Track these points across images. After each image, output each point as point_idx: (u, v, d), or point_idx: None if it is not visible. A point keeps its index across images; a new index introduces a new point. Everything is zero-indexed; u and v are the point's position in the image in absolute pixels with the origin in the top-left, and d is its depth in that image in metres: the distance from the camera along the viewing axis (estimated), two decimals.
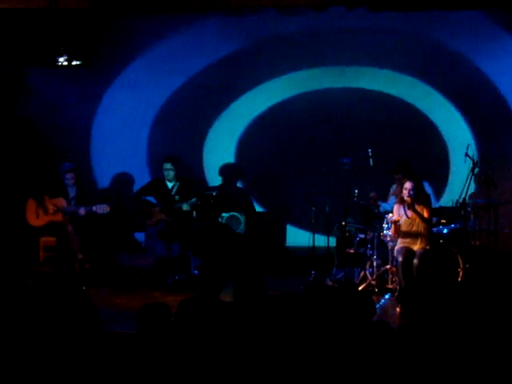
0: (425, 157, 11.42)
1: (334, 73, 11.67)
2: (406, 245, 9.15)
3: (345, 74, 11.61)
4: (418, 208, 9.12)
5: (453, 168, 11.51)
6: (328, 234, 10.18)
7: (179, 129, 11.91)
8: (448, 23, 11.14)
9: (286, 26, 11.39)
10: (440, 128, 11.63)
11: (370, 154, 10.14)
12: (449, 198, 10.69)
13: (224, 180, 11.85)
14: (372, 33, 11.31)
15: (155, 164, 11.71)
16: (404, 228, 9.20)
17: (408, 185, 9.09)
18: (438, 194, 11.38)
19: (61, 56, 8.57)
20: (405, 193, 9.08)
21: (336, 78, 11.64)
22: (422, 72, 11.49)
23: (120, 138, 11.90)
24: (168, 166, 10.74)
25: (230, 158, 12.09)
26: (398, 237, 9.25)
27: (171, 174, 10.73)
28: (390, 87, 11.60)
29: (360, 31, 11.31)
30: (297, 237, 11.84)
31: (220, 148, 12.06)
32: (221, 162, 11.97)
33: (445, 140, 11.63)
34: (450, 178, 11.53)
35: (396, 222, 9.17)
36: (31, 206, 10.30)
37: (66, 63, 8.65)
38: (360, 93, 11.60)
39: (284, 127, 11.87)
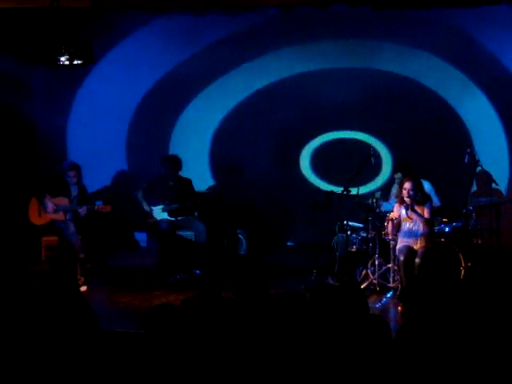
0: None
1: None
2: (407, 244, 9.14)
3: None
4: (418, 208, 9.11)
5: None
6: (329, 232, 10.18)
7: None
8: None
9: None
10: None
11: (373, 152, 10.13)
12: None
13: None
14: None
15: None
16: (405, 227, 9.19)
17: (407, 185, 9.08)
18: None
19: (62, 55, 8.56)
20: (404, 193, 9.07)
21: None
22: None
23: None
24: (168, 164, 10.73)
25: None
26: (397, 235, 9.25)
27: (172, 172, 10.72)
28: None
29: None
30: (297, 235, 11.84)
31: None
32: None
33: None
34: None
35: (392, 220, 9.17)
36: (34, 204, 10.30)
37: (67, 62, 8.65)
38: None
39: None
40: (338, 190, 9.98)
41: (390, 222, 9.21)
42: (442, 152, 11.23)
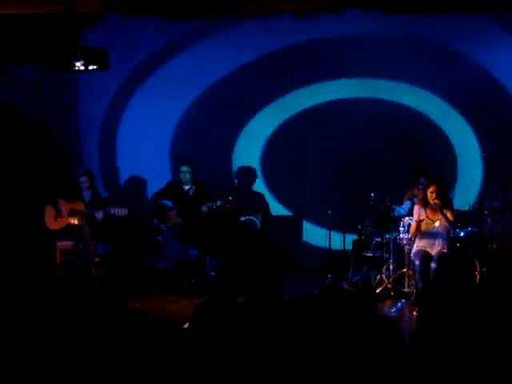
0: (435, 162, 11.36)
1: (359, 84, 11.66)
2: (423, 248, 9.13)
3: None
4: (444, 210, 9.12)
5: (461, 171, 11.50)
6: (344, 236, 10.19)
7: (204, 134, 11.91)
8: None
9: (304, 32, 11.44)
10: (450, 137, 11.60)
11: (387, 157, 10.13)
12: (461, 202, 10.61)
13: (243, 182, 11.79)
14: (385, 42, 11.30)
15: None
16: (422, 230, 9.19)
17: (433, 188, 9.09)
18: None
19: (77, 60, 8.60)
20: (431, 196, 9.07)
21: (358, 89, 11.64)
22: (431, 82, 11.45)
23: (143, 143, 11.93)
24: (184, 168, 10.76)
25: (255, 161, 12.09)
26: (415, 238, 9.24)
27: (188, 176, 10.75)
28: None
29: (372, 40, 11.30)
30: (313, 239, 11.84)
31: (246, 153, 12.06)
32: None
33: (453, 146, 11.58)
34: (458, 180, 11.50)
35: (419, 222, 9.15)
36: (49, 209, 10.34)
37: (82, 68, 8.68)
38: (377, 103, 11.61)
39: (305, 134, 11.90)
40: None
41: (416, 224, 9.18)
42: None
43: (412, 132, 11.49)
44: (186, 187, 10.80)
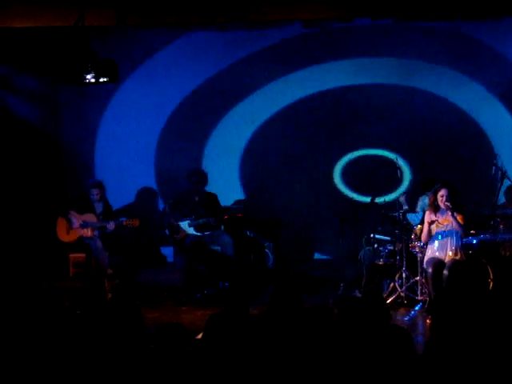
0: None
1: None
2: (435, 256, 9.12)
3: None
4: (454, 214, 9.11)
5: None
6: (356, 245, 10.18)
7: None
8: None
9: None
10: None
11: (397, 164, 10.14)
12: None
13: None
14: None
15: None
16: (434, 237, 9.18)
17: (444, 192, 9.11)
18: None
19: (88, 73, 8.62)
20: (441, 199, 9.08)
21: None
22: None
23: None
24: (194, 179, 10.76)
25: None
26: (427, 245, 9.22)
27: (198, 187, 10.75)
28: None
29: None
30: (324, 249, 11.84)
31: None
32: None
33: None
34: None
35: (431, 223, 9.12)
36: (61, 222, 10.37)
37: (93, 80, 8.70)
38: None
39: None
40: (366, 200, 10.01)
41: (427, 227, 9.16)
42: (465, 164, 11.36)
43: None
44: (197, 198, 10.80)
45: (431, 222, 9.13)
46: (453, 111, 11.49)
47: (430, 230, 9.19)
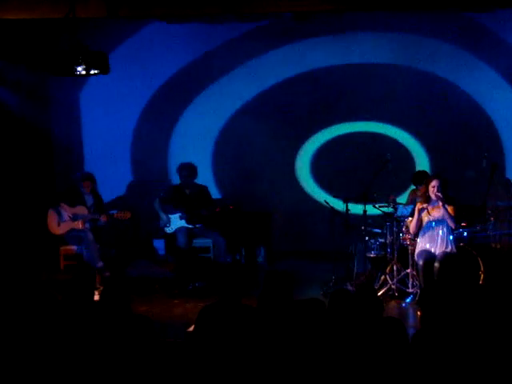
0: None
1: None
2: (426, 248, 9.13)
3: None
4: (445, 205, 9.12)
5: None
6: (347, 236, 10.19)
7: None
8: None
9: None
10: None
11: (389, 157, 10.15)
12: None
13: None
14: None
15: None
16: (424, 229, 9.19)
17: (435, 182, 9.11)
18: None
19: (79, 65, 8.59)
20: (432, 190, 9.09)
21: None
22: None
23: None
24: (184, 173, 10.76)
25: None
26: (417, 237, 9.23)
27: (188, 181, 10.75)
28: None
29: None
30: (315, 242, 11.85)
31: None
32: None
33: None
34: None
35: (421, 211, 9.12)
36: (52, 215, 10.35)
37: (84, 72, 8.68)
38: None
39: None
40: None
41: (416, 216, 9.18)
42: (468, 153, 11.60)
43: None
44: (188, 191, 10.79)
45: (421, 210, 9.12)
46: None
47: (419, 220, 9.19)
